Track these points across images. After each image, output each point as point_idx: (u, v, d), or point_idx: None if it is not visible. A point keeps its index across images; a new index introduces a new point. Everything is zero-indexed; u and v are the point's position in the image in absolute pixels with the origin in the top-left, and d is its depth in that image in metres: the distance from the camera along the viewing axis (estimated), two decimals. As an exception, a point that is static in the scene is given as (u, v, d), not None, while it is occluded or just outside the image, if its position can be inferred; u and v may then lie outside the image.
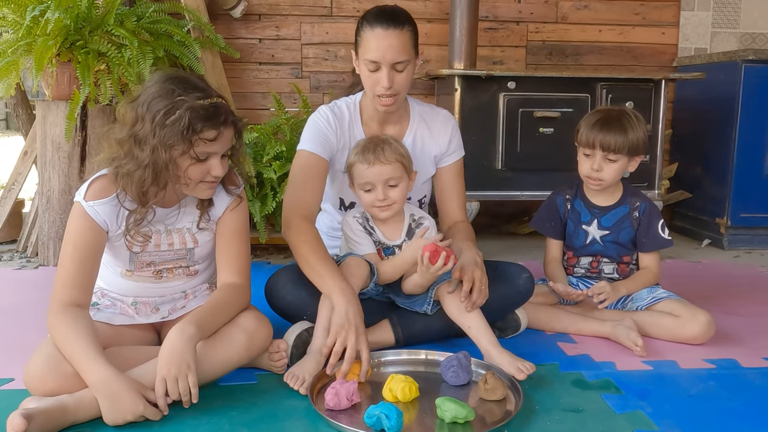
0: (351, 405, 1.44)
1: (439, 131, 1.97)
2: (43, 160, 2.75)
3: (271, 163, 2.71)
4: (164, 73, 1.51)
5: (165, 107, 1.41)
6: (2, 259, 2.88)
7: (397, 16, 1.77)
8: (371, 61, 1.76)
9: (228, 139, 1.50)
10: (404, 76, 1.79)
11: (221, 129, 1.45)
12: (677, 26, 3.54)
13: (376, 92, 1.80)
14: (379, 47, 1.74)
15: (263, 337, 1.58)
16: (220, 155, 1.50)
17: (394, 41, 1.74)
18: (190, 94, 1.43)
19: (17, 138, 7.30)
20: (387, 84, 1.76)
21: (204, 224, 1.63)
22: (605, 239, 2.04)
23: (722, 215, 3.21)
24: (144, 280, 1.63)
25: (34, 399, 1.36)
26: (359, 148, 1.80)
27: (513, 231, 3.52)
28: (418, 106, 1.99)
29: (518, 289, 1.85)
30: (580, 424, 1.41)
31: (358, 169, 1.77)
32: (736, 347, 1.88)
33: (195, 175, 1.49)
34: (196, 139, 1.43)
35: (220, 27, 3.20)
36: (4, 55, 2.55)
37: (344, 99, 1.97)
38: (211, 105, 1.44)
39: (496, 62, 3.46)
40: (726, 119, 3.16)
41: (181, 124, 1.40)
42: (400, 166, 1.77)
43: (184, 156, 1.45)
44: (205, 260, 1.69)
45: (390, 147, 1.77)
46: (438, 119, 1.98)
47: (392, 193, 1.77)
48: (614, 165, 1.95)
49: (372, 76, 1.78)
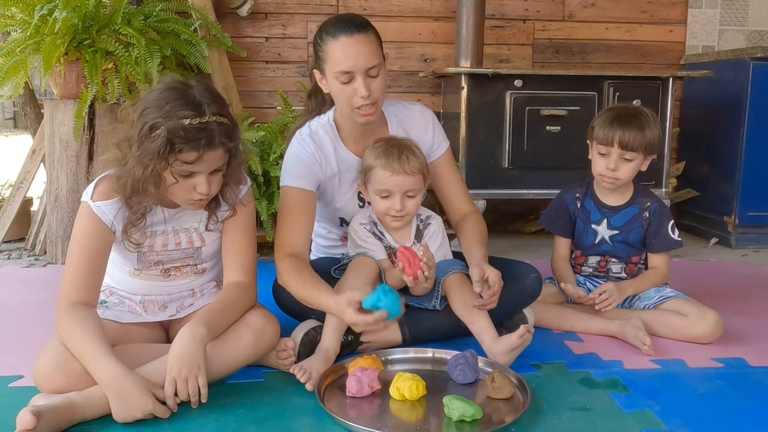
0: (372, 392, 1.47)
1: (419, 128, 1.89)
2: (51, 158, 2.76)
3: (278, 162, 2.72)
4: (169, 80, 1.47)
5: (151, 121, 1.39)
6: (11, 257, 2.90)
7: (357, 21, 1.69)
8: (343, 72, 1.66)
9: (214, 159, 1.44)
10: (379, 82, 1.69)
11: (203, 151, 1.39)
12: (685, 24, 3.52)
13: (354, 104, 1.69)
14: (349, 55, 1.64)
15: (271, 335, 1.58)
16: (207, 173, 1.45)
17: (362, 47, 1.65)
18: (179, 111, 1.38)
19: (25, 137, 7.34)
20: (365, 92, 1.66)
21: (212, 225, 1.62)
22: (614, 239, 2.03)
23: (730, 214, 3.20)
24: (152, 279, 1.63)
25: (44, 396, 1.37)
26: (380, 151, 1.74)
27: (519, 229, 3.51)
28: (391, 107, 1.90)
29: (526, 289, 1.85)
30: (587, 423, 1.41)
31: (379, 175, 1.74)
32: (744, 346, 1.87)
33: (179, 191, 1.46)
34: (174, 159, 1.39)
35: (226, 26, 3.20)
36: (13, 54, 2.56)
37: (316, 120, 1.86)
38: (198, 126, 1.38)
39: (503, 60, 3.45)
40: (734, 117, 3.14)
41: (159, 143, 1.37)
42: (421, 177, 1.76)
43: (166, 173, 1.42)
44: (212, 258, 1.69)
45: (414, 157, 1.74)
46: (414, 116, 1.89)
47: (409, 204, 1.76)
48: (630, 164, 1.93)
49: (346, 89, 1.68)
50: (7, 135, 9.10)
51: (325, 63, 1.70)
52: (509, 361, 1.63)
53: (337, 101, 1.76)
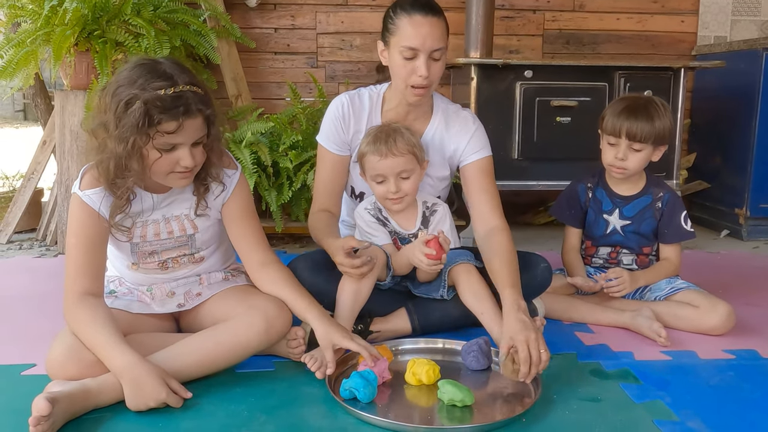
0: (383, 382, 1.48)
1: (458, 130, 1.88)
2: (61, 149, 2.77)
3: (287, 153, 2.72)
4: (135, 60, 1.47)
5: (126, 97, 1.38)
6: (22, 247, 2.91)
7: (433, 4, 1.74)
8: (409, 48, 1.70)
9: (194, 129, 1.43)
10: (439, 66, 1.74)
11: (182, 120, 1.39)
12: (696, 14, 3.49)
13: (410, 82, 1.74)
14: (419, 34, 1.69)
15: (282, 324, 1.58)
16: (189, 145, 1.44)
17: (433, 29, 1.70)
18: (152, 83, 1.38)
19: (36, 128, 7.38)
20: (425, 72, 1.70)
21: (201, 210, 1.61)
22: (626, 229, 2.02)
23: (741, 206, 3.17)
24: (150, 273, 1.63)
25: (58, 383, 1.38)
26: (370, 138, 1.77)
27: (529, 221, 3.50)
28: (443, 104, 1.92)
29: (536, 279, 1.84)
30: (598, 414, 1.40)
31: (370, 160, 1.76)
32: (755, 338, 1.86)
33: (163, 167, 1.45)
34: (154, 131, 1.39)
35: (236, 17, 3.20)
36: (23, 46, 2.57)
37: (369, 88, 1.93)
38: (174, 95, 1.38)
39: (513, 51, 3.43)
40: (746, 108, 3.11)
41: (137, 116, 1.36)
42: (412, 157, 1.75)
43: (148, 147, 1.41)
44: (209, 246, 1.68)
45: (402, 138, 1.74)
46: (459, 119, 1.89)
47: (404, 186, 1.76)
48: (639, 154, 1.93)
49: (407, 65, 1.72)
50: (18, 127, 9.15)
51: (392, 36, 1.74)
52: None
53: (395, 75, 1.78)
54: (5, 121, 9.63)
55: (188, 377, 1.47)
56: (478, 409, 1.40)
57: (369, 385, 1.41)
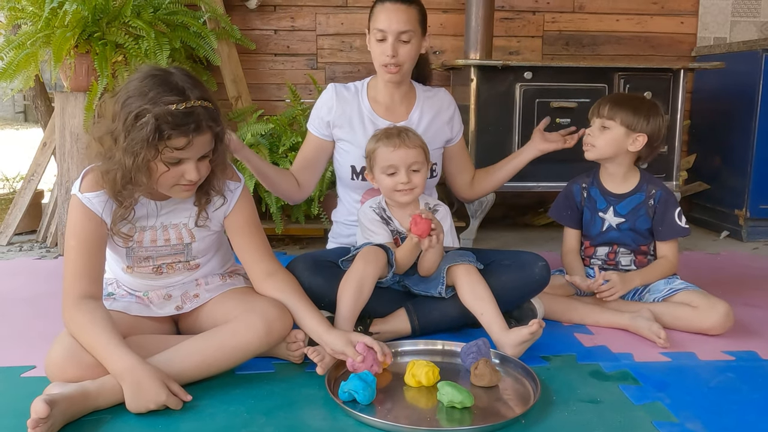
0: (368, 368, 1.48)
1: (442, 107, 2.07)
2: (61, 151, 2.77)
3: (287, 154, 2.72)
4: (147, 69, 1.45)
5: (136, 109, 1.37)
6: (22, 249, 2.92)
7: None
8: (378, 30, 1.90)
9: (202, 145, 1.43)
10: (408, 48, 1.92)
11: (192, 137, 1.39)
12: (696, 15, 3.49)
13: (381, 61, 1.93)
14: (387, 18, 1.90)
15: (282, 326, 1.57)
16: (195, 159, 1.44)
17: (400, 14, 1.89)
18: (164, 98, 1.37)
19: (36, 130, 7.38)
20: (390, 52, 1.89)
21: (202, 222, 1.60)
22: (622, 227, 2.02)
23: (741, 207, 3.17)
24: (144, 277, 1.63)
25: (58, 385, 1.38)
26: (380, 134, 1.83)
27: (529, 222, 3.50)
28: (421, 89, 2.10)
29: (534, 278, 1.84)
30: (597, 415, 1.40)
31: (382, 152, 1.80)
32: (755, 339, 1.86)
33: (168, 179, 1.45)
34: (163, 146, 1.39)
35: (235, 18, 3.20)
36: (23, 47, 2.57)
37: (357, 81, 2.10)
38: (185, 111, 1.37)
39: (512, 52, 3.43)
40: (746, 109, 3.11)
41: (147, 130, 1.35)
42: (422, 152, 1.82)
43: (156, 161, 1.41)
44: (205, 254, 1.68)
45: (413, 133, 1.84)
46: (439, 95, 2.10)
47: (415, 178, 1.80)
48: (608, 133, 1.97)
49: (379, 46, 1.92)
50: (18, 128, 9.15)
51: (370, 22, 1.96)
52: (519, 353, 1.63)
53: (373, 58, 1.98)
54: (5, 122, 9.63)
55: (188, 379, 1.47)
56: (478, 410, 1.40)
57: (368, 387, 1.41)
